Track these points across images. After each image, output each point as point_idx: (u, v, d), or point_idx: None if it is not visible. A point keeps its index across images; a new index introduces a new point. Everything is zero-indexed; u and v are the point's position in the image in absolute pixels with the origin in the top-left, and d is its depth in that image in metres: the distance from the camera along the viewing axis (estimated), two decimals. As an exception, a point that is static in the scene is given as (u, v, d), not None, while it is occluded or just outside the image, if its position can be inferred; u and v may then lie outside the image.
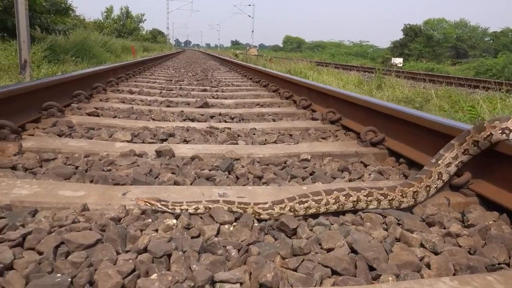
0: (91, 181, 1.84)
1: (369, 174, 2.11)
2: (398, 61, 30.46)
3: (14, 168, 1.94)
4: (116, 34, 36.18)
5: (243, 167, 2.16)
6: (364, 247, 1.27)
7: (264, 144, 2.72)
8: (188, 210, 1.49)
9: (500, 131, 1.70)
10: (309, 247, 1.26)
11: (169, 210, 1.49)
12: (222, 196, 1.67)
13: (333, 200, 1.54)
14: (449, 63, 36.89)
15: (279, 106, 4.56)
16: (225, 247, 1.26)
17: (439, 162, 1.73)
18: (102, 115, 3.41)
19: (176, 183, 1.87)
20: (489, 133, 1.71)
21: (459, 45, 58.78)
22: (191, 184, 1.90)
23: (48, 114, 3.07)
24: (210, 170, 2.07)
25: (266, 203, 1.51)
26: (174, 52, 31.73)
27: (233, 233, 1.37)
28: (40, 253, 1.18)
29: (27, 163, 1.98)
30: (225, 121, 3.51)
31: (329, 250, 1.30)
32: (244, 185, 1.91)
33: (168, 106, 4.22)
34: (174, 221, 1.39)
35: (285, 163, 2.27)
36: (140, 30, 62.85)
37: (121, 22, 56.54)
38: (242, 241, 1.32)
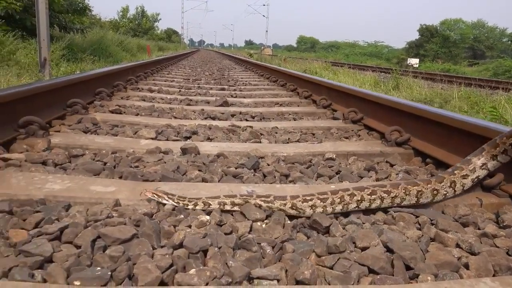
0: (120, 177, 1.85)
1: (397, 174, 2.09)
2: (414, 61, 30.18)
3: (44, 163, 1.96)
4: (131, 33, 36.57)
5: (268, 165, 2.15)
6: (400, 246, 1.25)
7: (287, 142, 2.71)
8: (189, 206, 1.50)
9: (510, 146, 1.67)
10: (344, 245, 1.25)
11: (175, 204, 1.50)
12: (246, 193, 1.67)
13: (338, 200, 1.53)
14: (466, 64, 36.35)
15: (298, 106, 4.54)
16: (259, 244, 1.26)
17: (455, 172, 1.70)
18: (124, 112, 3.44)
19: (204, 180, 1.87)
20: (503, 148, 1.68)
21: (476, 46, 57.84)
22: (218, 181, 1.90)
23: (73, 111, 3.11)
24: (236, 168, 2.07)
25: (269, 196, 1.53)
26: (188, 51, 31.86)
27: (266, 230, 1.36)
28: (78, 247, 1.19)
29: (57, 158, 2.01)
30: (246, 120, 3.51)
31: (363, 248, 1.28)
32: (271, 183, 1.91)
33: (188, 104, 4.24)
34: (207, 217, 1.39)
35: (310, 161, 2.26)
36: (155, 29, 63.31)
37: (137, 22, 57.01)
38: (275, 238, 1.32)
